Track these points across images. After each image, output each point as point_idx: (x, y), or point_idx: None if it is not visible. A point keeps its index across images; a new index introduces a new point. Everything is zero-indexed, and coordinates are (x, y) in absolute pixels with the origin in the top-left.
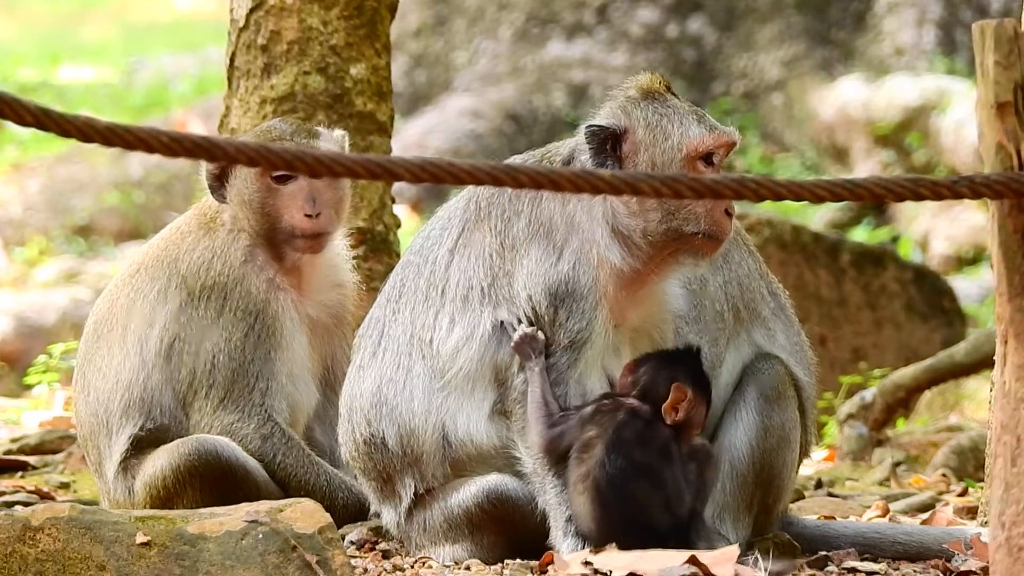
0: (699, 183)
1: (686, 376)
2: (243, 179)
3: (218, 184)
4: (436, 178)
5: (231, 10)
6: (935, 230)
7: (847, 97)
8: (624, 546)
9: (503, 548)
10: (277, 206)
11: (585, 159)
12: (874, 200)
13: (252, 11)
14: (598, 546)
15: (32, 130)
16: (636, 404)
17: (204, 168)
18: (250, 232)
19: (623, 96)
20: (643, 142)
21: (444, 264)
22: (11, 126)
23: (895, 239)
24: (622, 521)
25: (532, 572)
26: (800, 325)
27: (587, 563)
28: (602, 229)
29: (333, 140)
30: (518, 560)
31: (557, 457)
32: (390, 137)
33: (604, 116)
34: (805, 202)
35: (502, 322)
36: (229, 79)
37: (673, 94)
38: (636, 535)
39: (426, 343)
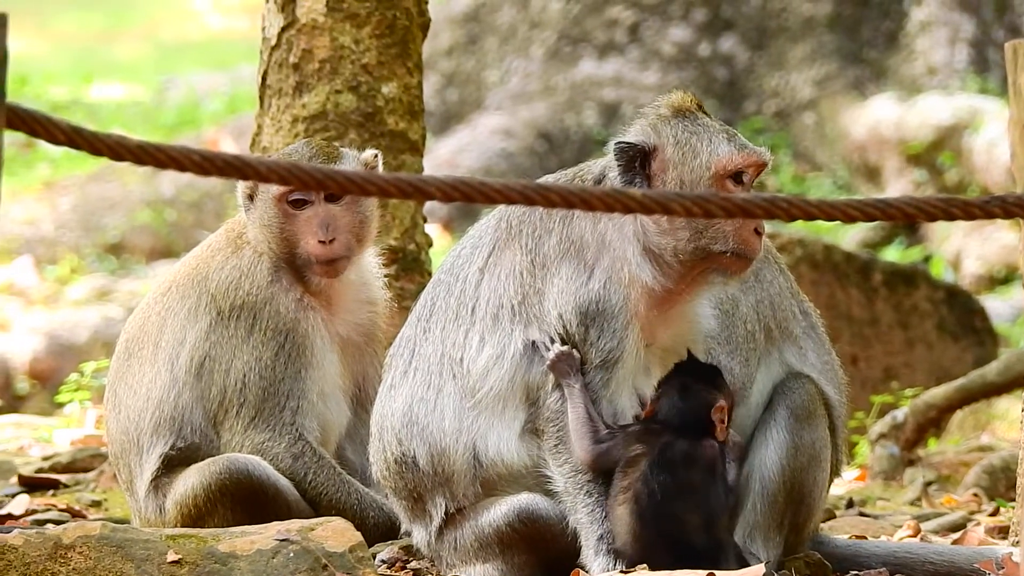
0: (730, 202)
1: (712, 390)
2: (263, 203)
3: (250, 203)
4: (468, 197)
5: (263, 28)
6: (967, 249)
7: (879, 116)
8: (658, 564)
9: (533, 567)
10: (294, 231)
11: (614, 176)
12: (906, 220)
13: (284, 30)
14: (632, 562)
15: (64, 148)
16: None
17: (239, 186)
18: (270, 256)
19: (654, 114)
20: (672, 160)
21: (474, 282)
22: (43, 144)
23: (927, 258)
24: (659, 537)
25: None
26: (831, 344)
27: None
28: (633, 247)
29: (357, 161)
30: None
31: (601, 474)
32: (422, 156)
33: (634, 133)
34: (837, 222)
35: (533, 342)
36: (261, 97)
37: (704, 113)
38: (671, 552)
39: (456, 362)
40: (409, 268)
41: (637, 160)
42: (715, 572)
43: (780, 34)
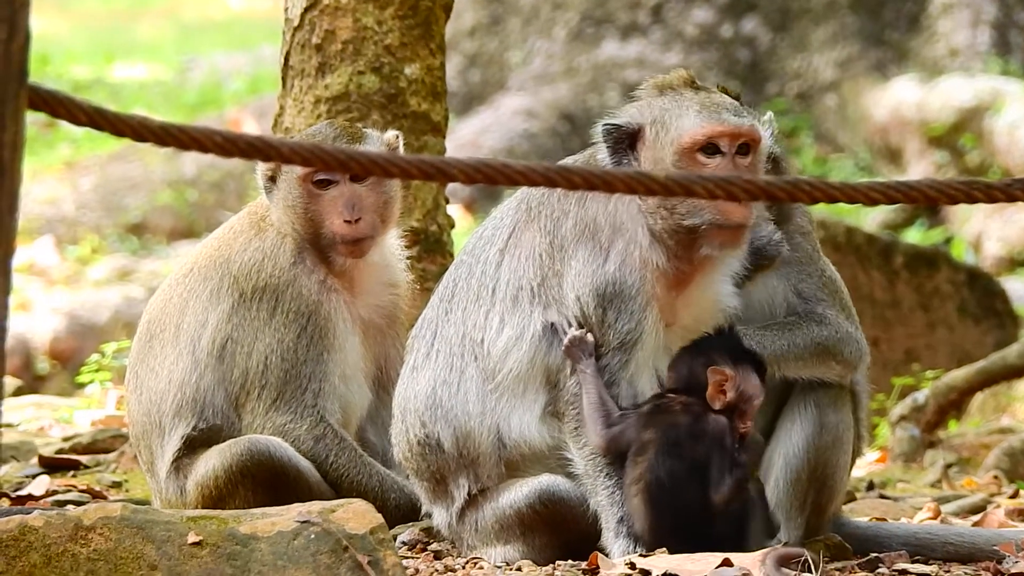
0: (753, 184)
1: (722, 356)
2: (287, 184)
3: (271, 185)
4: (490, 179)
5: (285, 9)
6: (988, 231)
7: (901, 98)
8: (677, 548)
9: (554, 549)
10: (319, 211)
11: (602, 158)
12: (927, 203)
13: (307, 10)
14: (651, 549)
15: (85, 129)
16: (686, 400)
17: (259, 168)
18: (294, 237)
19: (643, 94)
20: (648, 139)
21: (495, 264)
22: (65, 124)
23: (948, 240)
24: (674, 524)
25: (583, 573)
26: (855, 314)
27: (631, 564)
28: (642, 229)
29: (381, 142)
30: (569, 561)
31: (615, 457)
32: (444, 137)
33: (621, 114)
34: (858, 204)
35: (552, 324)
36: (283, 78)
37: (695, 87)
38: (688, 537)
39: (478, 343)
40: (431, 249)
41: (624, 141)
42: (731, 556)
43: (802, 16)
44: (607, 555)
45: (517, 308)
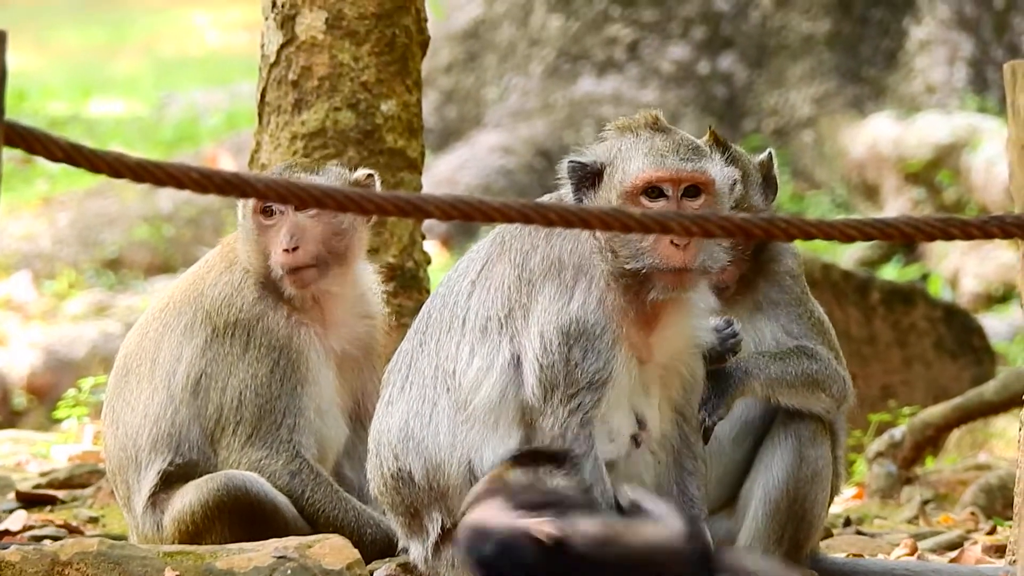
0: (729, 222)
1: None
2: (243, 219)
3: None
4: (466, 215)
5: (262, 46)
6: (965, 268)
7: (878, 134)
8: None
9: None
10: (265, 242)
11: (566, 194)
12: (904, 240)
13: (283, 47)
14: None
15: (62, 165)
16: None
17: (239, 205)
18: (253, 271)
19: (608, 133)
20: (605, 178)
21: (466, 294)
22: (41, 160)
23: (925, 276)
24: None
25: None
26: (842, 356)
27: None
28: (602, 268)
29: (338, 176)
30: None
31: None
32: (420, 173)
33: (586, 153)
34: (834, 241)
35: (519, 356)
36: (260, 115)
37: (657, 129)
38: None
39: (449, 374)
40: (408, 285)
41: (588, 180)
42: None
43: (779, 52)
44: None
45: (486, 339)
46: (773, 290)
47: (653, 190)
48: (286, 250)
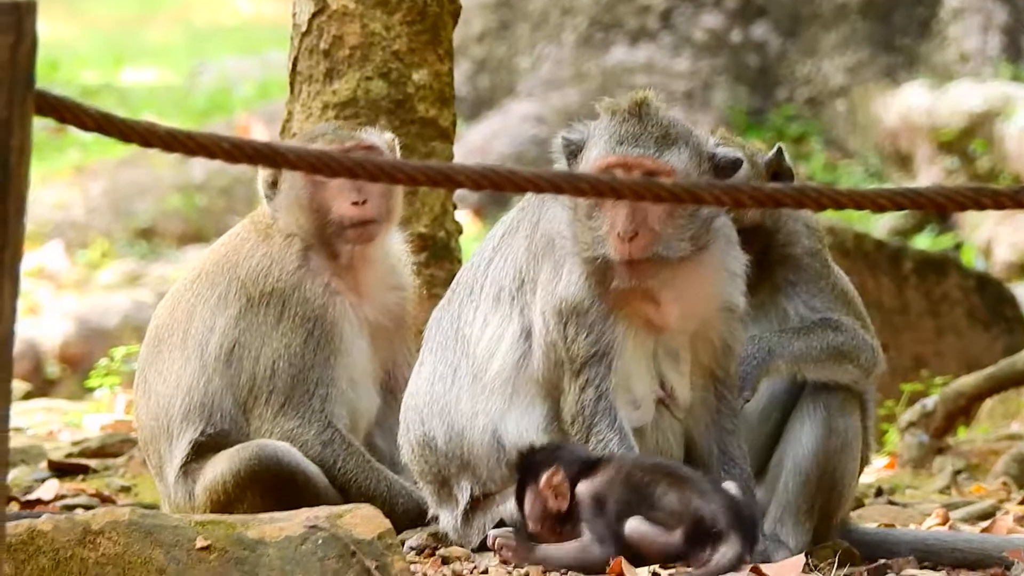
0: (760, 192)
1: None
2: (291, 179)
3: (273, 191)
4: (496, 185)
5: (294, 15)
6: (998, 237)
7: (911, 103)
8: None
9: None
10: (324, 199)
11: (557, 168)
12: (935, 209)
13: (314, 16)
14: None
15: (95, 134)
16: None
17: (260, 175)
18: (302, 234)
19: (600, 111)
20: (582, 156)
21: (487, 261)
22: (74, 129)
23: (958, 246)
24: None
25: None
26: (871, 324)
27: (655, 574)
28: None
29: (379, 136)
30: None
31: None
32: (452, 143)
33: (577, 129)
34: (866, 211)
35: (529, 330)
36: (292, 84)
37: (634, 114)
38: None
39: (467, 339)
40: (439, 255)
41: (574, 156)
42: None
43: (813, 21)
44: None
45: (499, 309)
46: (791, 272)
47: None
48: (355, 203)
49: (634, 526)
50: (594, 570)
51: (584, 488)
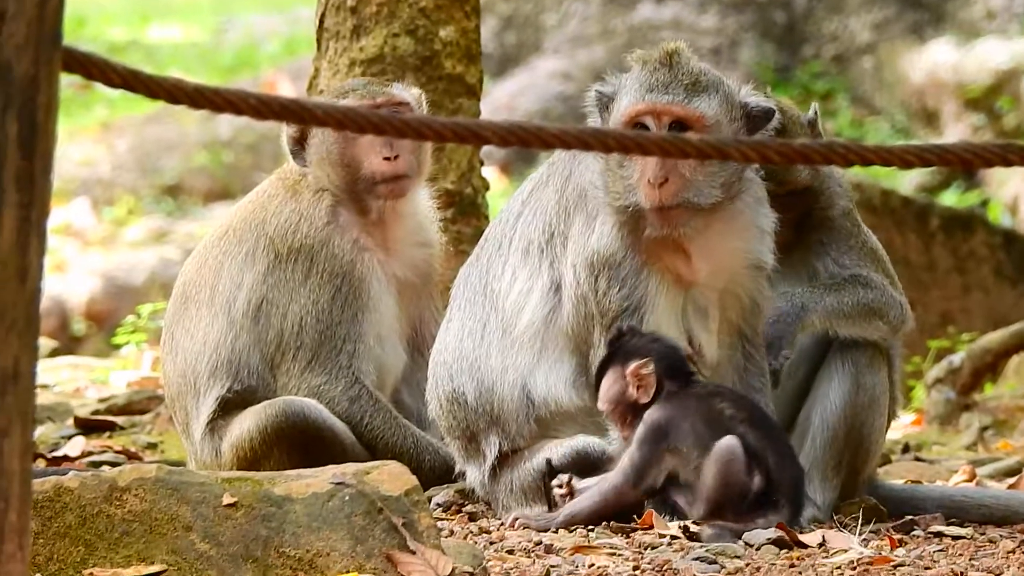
0: (788, 148)
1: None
2: (321, 135)
3: (299, 148)
4: (524, 142)
5: None
6: None
7: (937, 60)
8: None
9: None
10: (356, 154)
11: (593, 121)
12: (962, 166)
13: None
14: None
15: (121, 91)
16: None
17: (284, 132)
18: (332, 189)
19: (631, 63)
20: (612, 108)
21: (515, 216)
22: (100, 86)
23: (985, 203)
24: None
25: (617, 535)
26: (899, 282)
27: (685, 528)
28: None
29: (409, 92)
30: (613, 523)
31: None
32: (479, 100)
33: (609, 82)
34: (893, 167)
35: (558, 284)
36: (318, 40)
37: (665, 64)
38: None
39: (496, 293)
40: (466, 212)
41: (605, 108)
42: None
43: None
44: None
45: (527, 262)
46: (824, 234)
47: (639, 125)
48: (387, 158)
49: (731, 444)
50: (624, 508)
51: (653, 414)
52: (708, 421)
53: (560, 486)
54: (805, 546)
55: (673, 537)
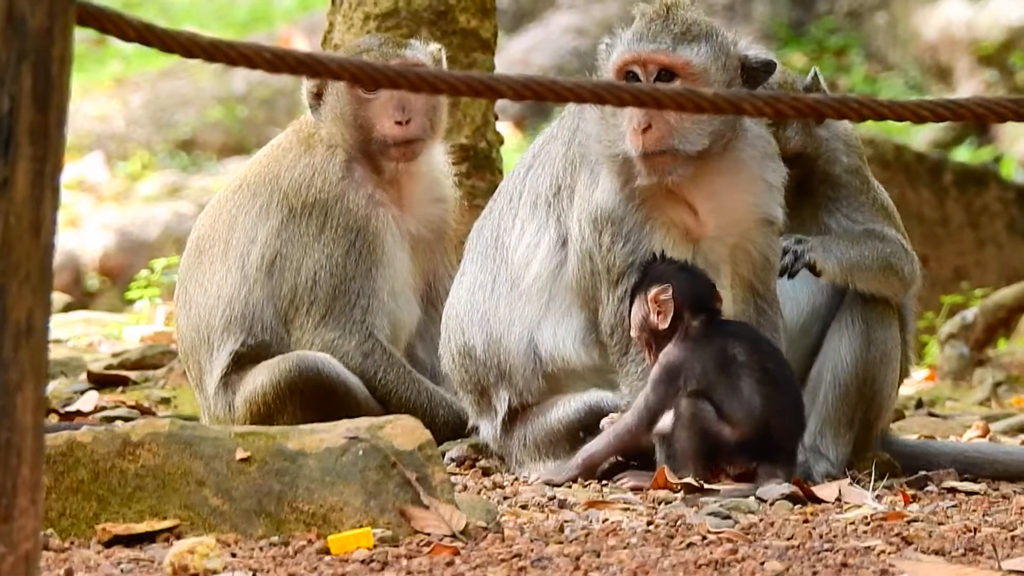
0: (801, 102)
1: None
2: (335, 94)
3: (317, 102)
4: (538, 96)
5: None
6: None
7: (950, 17)
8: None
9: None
10: (368, 117)
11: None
12: (976, 120)
13: None
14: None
15: (135, 45)
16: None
17: (304, 86)
18: (345, 147)
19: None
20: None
21: (525, 168)
22: (115, 41)
23: (998, 159)
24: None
25: (628, 490)
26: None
27: (695, 483)
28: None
29: (425, 52)
30: (627, 478)
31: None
32: (493, 54)
33: (618, 34)
34: (907, 122)
35: (565, 239)
36: None
37: (662, 14)
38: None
39: (505, 246)
40: (480, 166)
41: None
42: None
43: None
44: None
45: (535, 216)
46: (831, 190)
47: (630, 73)
48: (399, 122)
49: (690, 406)
50: (638, 449)
51: (668, 354)
52: (720, 365)
53: (612, 423)
54: (819, 501)
55: (687, 492)
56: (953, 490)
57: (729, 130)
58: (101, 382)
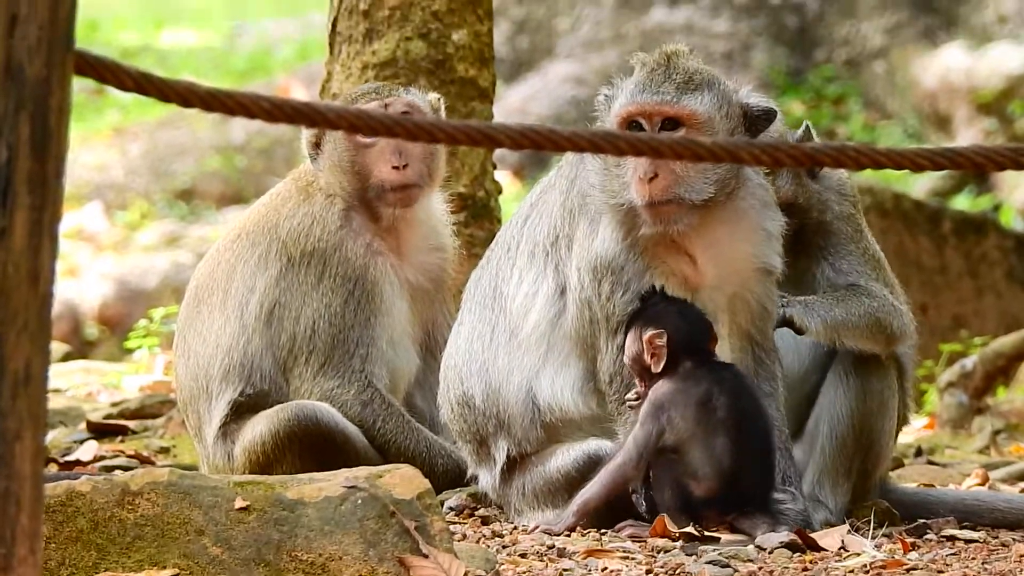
0: (799, 151)
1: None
2: (334, 142)
3: (316, 152)
4: (537, 145)
5: None
6: None
7: (949, 65)
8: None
9: (603, 516)
10: (366, 163)
11: (599, 124)
12: (974, 169)
13: None
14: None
15: (134, 95)
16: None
17: (304, 135)
18: (343, 195)
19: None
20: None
21: (523, 218)
22: (113, 91)
23: (997, 207)
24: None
25: (627, 539)
26: (901, 290)
27: (696, 531)
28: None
29: (423, 100)
30: (628, 526)
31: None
32: (492, 103)
33: (617, 85)
34: (905, 170)
35: (563, 288)
36: (331, 44)
37: (663, 64)
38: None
39: (504, 296)
40: (478, 215)
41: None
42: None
43: None
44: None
45: (533, 265)
46: (822, 238)
47: (634, 124)
48: (395, 167)
49: (667, 462)
50: (628, 484)
51: (658, 391)
52: (699, 418)
53: (637, 397)
54: (819, 549)
55: (686, 540)
56: (952, 538)
57: (733, 178)
58: (100, 431)
